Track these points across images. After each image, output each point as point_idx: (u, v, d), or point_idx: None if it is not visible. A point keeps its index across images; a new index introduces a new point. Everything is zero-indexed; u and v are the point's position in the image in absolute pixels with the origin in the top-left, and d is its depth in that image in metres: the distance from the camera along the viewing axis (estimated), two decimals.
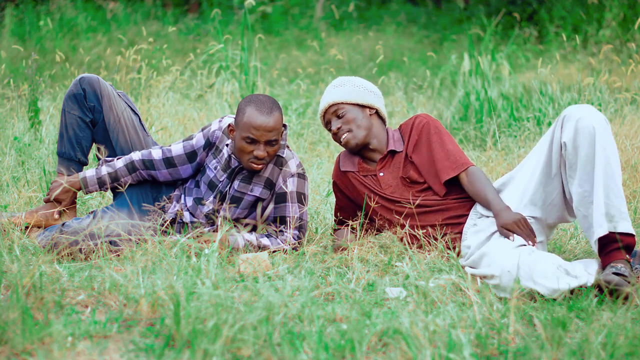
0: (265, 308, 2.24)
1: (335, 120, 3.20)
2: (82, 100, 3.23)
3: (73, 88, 3.25)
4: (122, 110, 3.28)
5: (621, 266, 2.62)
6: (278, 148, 3.05)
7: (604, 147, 2.70)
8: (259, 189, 3.09)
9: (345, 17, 11.55)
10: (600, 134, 2.70)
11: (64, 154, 3.26)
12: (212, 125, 3.18)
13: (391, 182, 3.14)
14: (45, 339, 2.16)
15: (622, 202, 2.69)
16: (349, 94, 3.20)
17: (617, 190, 2.70)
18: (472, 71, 6.54)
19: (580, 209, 2.75)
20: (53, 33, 8.13)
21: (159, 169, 3.19)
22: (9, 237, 2.98)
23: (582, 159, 2.72)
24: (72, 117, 3.24)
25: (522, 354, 2.18)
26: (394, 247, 3.02)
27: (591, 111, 2.74)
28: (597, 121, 2.71)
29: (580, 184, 2.73)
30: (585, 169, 2.72)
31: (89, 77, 3.26)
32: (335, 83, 3.27)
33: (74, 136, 3.25)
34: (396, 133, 3.23)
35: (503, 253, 2.72)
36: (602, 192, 2.68)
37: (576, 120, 2.73)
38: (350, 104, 3.20)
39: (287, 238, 3.10)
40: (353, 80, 3.25)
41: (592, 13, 8.92)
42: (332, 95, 3.22)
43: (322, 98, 3.26)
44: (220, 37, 6.72)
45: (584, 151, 2.71)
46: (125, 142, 3.29)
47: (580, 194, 2.74)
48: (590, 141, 2.70)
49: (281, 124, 3.03)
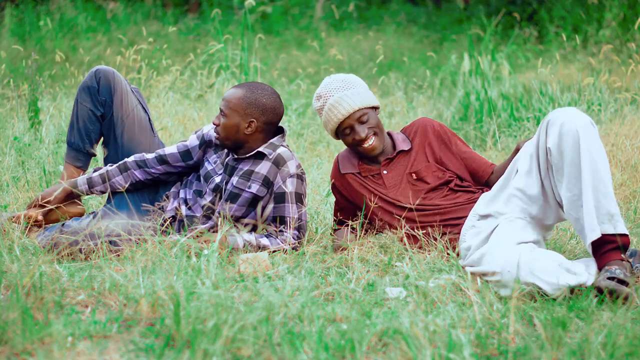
0: (265, 308, 2.24)
1: (360, 125, 3.10)
2: (95, 94, 3.25)
3: (88, 80, 3.27)
4: (133, 108, 3.30)
5: (616, 268, 2.60)
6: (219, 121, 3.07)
7: (590, 150, 2.68)
8: (257, 186, 3.09)
9: (345, 17, 11.55)
10: (585, 137, 2.68)
11: (73, 144, 3.30)
12: (204, 128, 3.24)
13: (396, 180, 3.14)
14: (45, 339, 2.16)
15: (612, 203, 2.68)
16: (364, 98, 3.11)
17: (606, 191, 2.68)
18: (472, 71, 6.54)
19: (571, 213, 2.75)
20: (53, 33, 8.13)
21: (152, 166, 3.21)
22: (9, 237, 2.98)
23: (568, 163, 2.70)
24: (84, 109, 3.27)
25: (522, 354, 2.18)
26: (394, 247, 3.02)
27: (575, 115, 2.72)
28: (580, 124, 2.69)
29: (569, 187, 2.72)
30: (572, 173, 2.70)
31: (105, 70, 3.27)
32: (337, 85, 3.12)
33: (83, 128, 3.28)
34: (400, 135, 3.24)
35: (504, 250, 2.72)
36: (591, 195, 2.66)
37: (560, 125, 2.71)
38: (369, 107, 3.13)
39: (286, 238, 3.10)
40: (353, 81, 3.16)
41: (592, 13, 8.92)
42: (352, 99, 3.09)
43: (338, 103, 3.09)
44: (220, 37, 6.72)
45: (569, 155, 2.69)
46: (129, 139, 3.30)
47: (569, 198, 2.73)
48: (574, 145, 2.68)
49: (232, 98, 3.07)
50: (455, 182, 3.12)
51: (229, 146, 3.10)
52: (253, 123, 3.07)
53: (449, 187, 3.10)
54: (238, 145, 3.11)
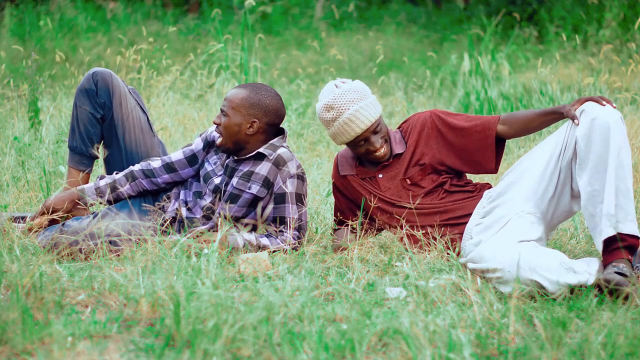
0: (265, 308, 2.24)
1: (374, 136, 3.07)
2: (93, 96, 3.24)
3: (85, 83, 3.26)
4: (132, 109, 3.29)
5: (623, 265, 2.62)
6: (220, 121, 3.06)
7: (619, 148, 2.67)
8: (257, 187, 3.09)
9: (345, 17, 11.55)
10: (615, 134, 2.67)
11: (76, 148, 3.29)
12: (209, 129, 3.23)
13: (390, 184, 3.13)
14: (45, 339, 2.16)
15: (631, 204, 2.68)
16: (378, 106, 3.08)
17: (626, 191, 2.69)
18: (472, 71, 6.55)
19: (588, 207, 2.74)
20: (53, 33, 8.13)
21: (159, 175, 3.19)
22: (9, 237, 2.98)
23: (595, 157, 2.70)
24: (84, 113, 3.26)
25: (522, 354, 2.18)
26: (394, 247, 3.02)
27: (609, 109, 2.72)
28: (613, 120, 2.69)
29: (590, 182, 2.72)
30: (597, 168, 2.70)
31: (102, 72, 3.26)
32: (354, 96, 3.04)
33: (85, 131, 3.27)
34: (397, 134, 3.19)
35: (505, 247, 2.72)
36: (613, 194, 2.67)
37: (592, 117, 2.70)
38: (380, 116, 3.10)
39: (286, 238, 3.10)
40: (365, 89, 3.08)
41: (592, 13, 8.93)
42: (369, 112, 3.03)
43: (355, 117, 3.02)
44: (220, 37, 6.72)
45: (597, 149, 2.69)
46: (130, 140, 3.30)
47: (589, 193, 2.73)
48: (604, 139, 2.68)
49: (235, 98, 3.07)
50: (451, 183, 3.09)
51: (230, 149, 3.09)
52: (255, 123, 3.06)
53: (444, 188, 3.08)
54: (239, 146, 3.10)
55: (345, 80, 3.12)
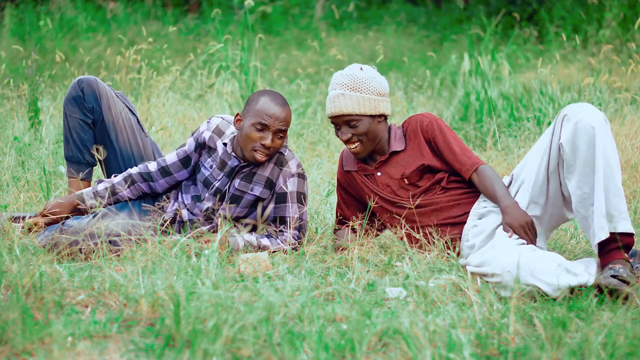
0: (265, 308, 2.24)
1: (346, 128, 3.07)
2: (81, 103, 3.28)
3: (72, 91, 3.30)
4: (121, 111, 3.33)
5: (619, 267, 2.61)
6: (282, 143, 3.06)
7: (604, 149, 2.68)
8: (260, 189, 3.09)
9: (345, 17, 11.55)
10: (600, 135, 2.68)
11: (72, 158, 3.33)
12: (201, 127, 3.21)
13: (388, 182, 3.13)
14: (45, 339, 2.16)
15: (622, 202, 2.68)
16: (363, 105, 3.04)
17: (616, 190, 2.69)
18: (472, 71, 6.55)
19: (579, 210, 2.74)
20: (53, 33, 8.13)
21: (156, 179, 3.20)
22: (9, 237, 2.98)
23: (581, 161, 2.70)
24: (74, 120, 3.29)
25: (522, 354, 2.18)
26: (394, 247, 3.02)
27: (590, 111, 2.71)
28: (596, 122, 2.69)
29: (579, 185, 2.72)
30: (584, 171, 2.70)
31: (87, 79, 3.30)
32: (345, 81, 3.06)
33: (78, 139, 3.30)
34: (399, 131, 3.18)
35: (504, 251, 2.72)
36: (603, 194, 2.66)
37: (575, 122, 2.70)
38: (366, 115, 3.06)
39: (287, 238, 3.10)
40: (366, 83, 3.07)
41: (592, 13, 8.93)
42: (344, 103, 3.04)
43: (333, 100, 3.06)
44: (220, 37, 6.72)
45: (583, 153, 2.69)
46: (124, 142, 3.32)
47: (579, 196, 2.73)
48: (589, 142, 2.68)
49: (290, 118, 3.07)
50: (446, 179, 3.09)
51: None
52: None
53: (441, 185, 3.08)
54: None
55: (372, 69, 3.14)
